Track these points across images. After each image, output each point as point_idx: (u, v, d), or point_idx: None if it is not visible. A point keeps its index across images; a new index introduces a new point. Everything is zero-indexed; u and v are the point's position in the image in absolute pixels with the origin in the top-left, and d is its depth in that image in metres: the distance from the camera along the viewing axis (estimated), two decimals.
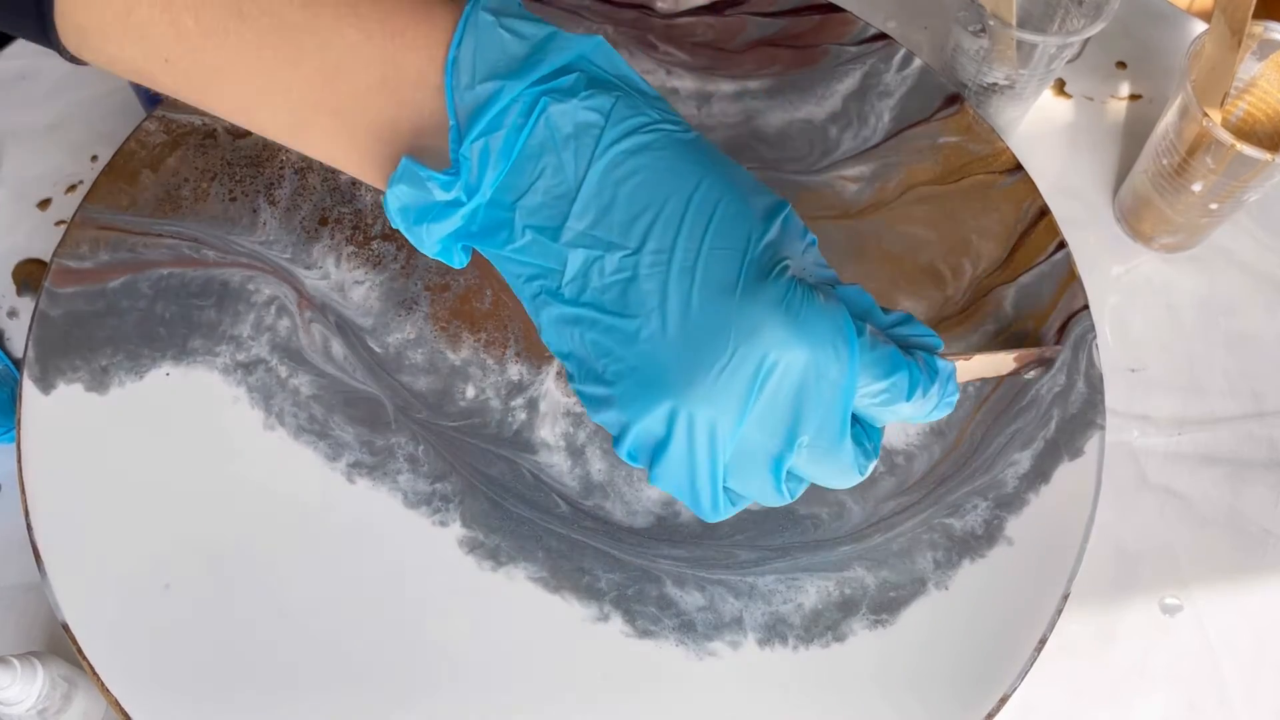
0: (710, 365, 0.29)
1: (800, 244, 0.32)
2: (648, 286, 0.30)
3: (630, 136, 0.30)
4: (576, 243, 0.30)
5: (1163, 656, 0.48)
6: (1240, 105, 0.53)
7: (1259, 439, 0.52)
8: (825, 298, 0.30)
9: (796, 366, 0.29)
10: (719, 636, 0.42)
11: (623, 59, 0.32)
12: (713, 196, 0.30)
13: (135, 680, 0.40)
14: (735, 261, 0.30)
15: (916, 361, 0.32)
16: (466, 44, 0.30)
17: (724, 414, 0.29)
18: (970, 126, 0.53)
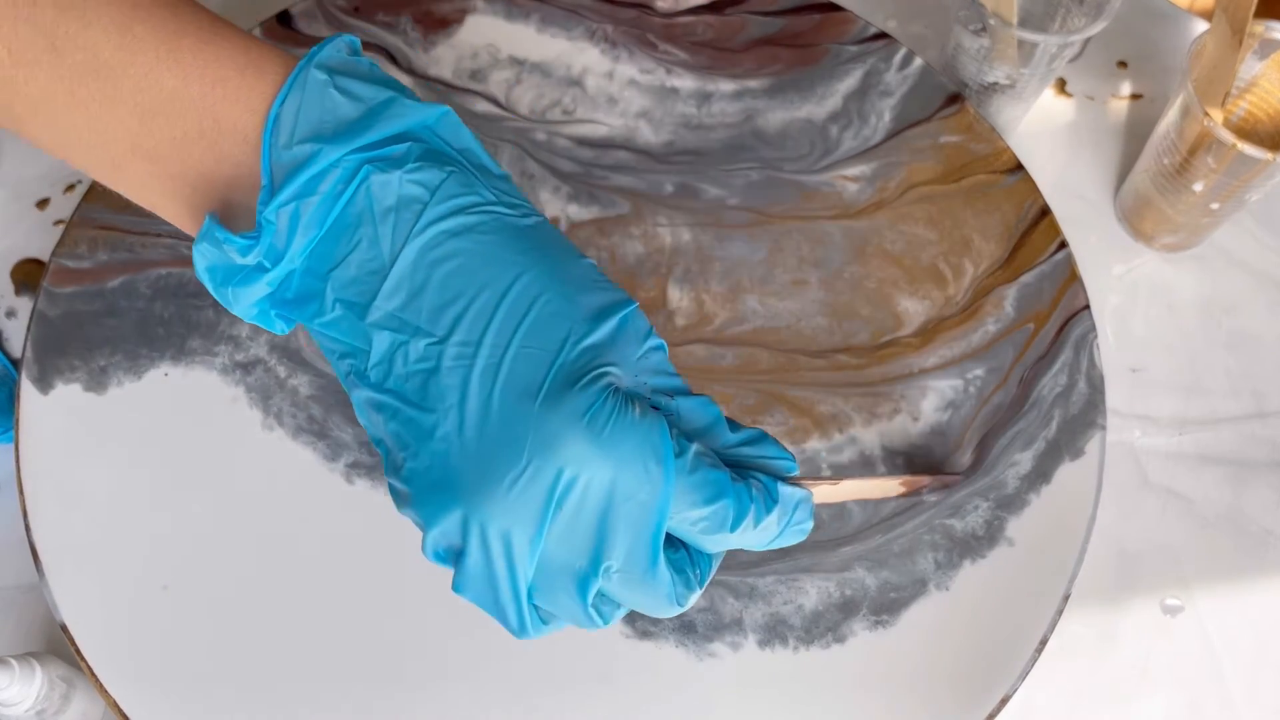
0: (503, 475, 0.27)
1: (636, 349, 0.29)
2: (449, 381, 0.28)
3: (455, 216, 0.28)
4: (383, 324, 0.28)
5: (1164, 657, 0.48)
6: (1241, 105, 0.53)
7: (1260, 439, 0.52)
8: (642, 412, 0.28)
9: (599, 485, 0.27)
10: (719, 637, 0.42)
11: (471, 134, 0.30)
12: (533, 291, 0.28)
13: (133, 681, 0.40)
14: (543, 364, 0.27)
15: (752, 487, 0.29)
16: (291, 101, 0.28)
17: (518, 528, 0.27)
18: (971, 126, 0.53)
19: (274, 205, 0.28)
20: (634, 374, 0.29)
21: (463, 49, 0.54)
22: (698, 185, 0.51)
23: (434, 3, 0.55)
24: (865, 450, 0.46)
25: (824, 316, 0.49)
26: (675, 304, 0.49)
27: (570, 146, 0.52)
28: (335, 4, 0.54)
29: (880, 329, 0.49)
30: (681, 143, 0.52)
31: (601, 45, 0.54)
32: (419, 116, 0.29)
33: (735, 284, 0.49)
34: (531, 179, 0.51)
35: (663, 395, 0.29)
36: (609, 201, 0.51)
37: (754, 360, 0.48)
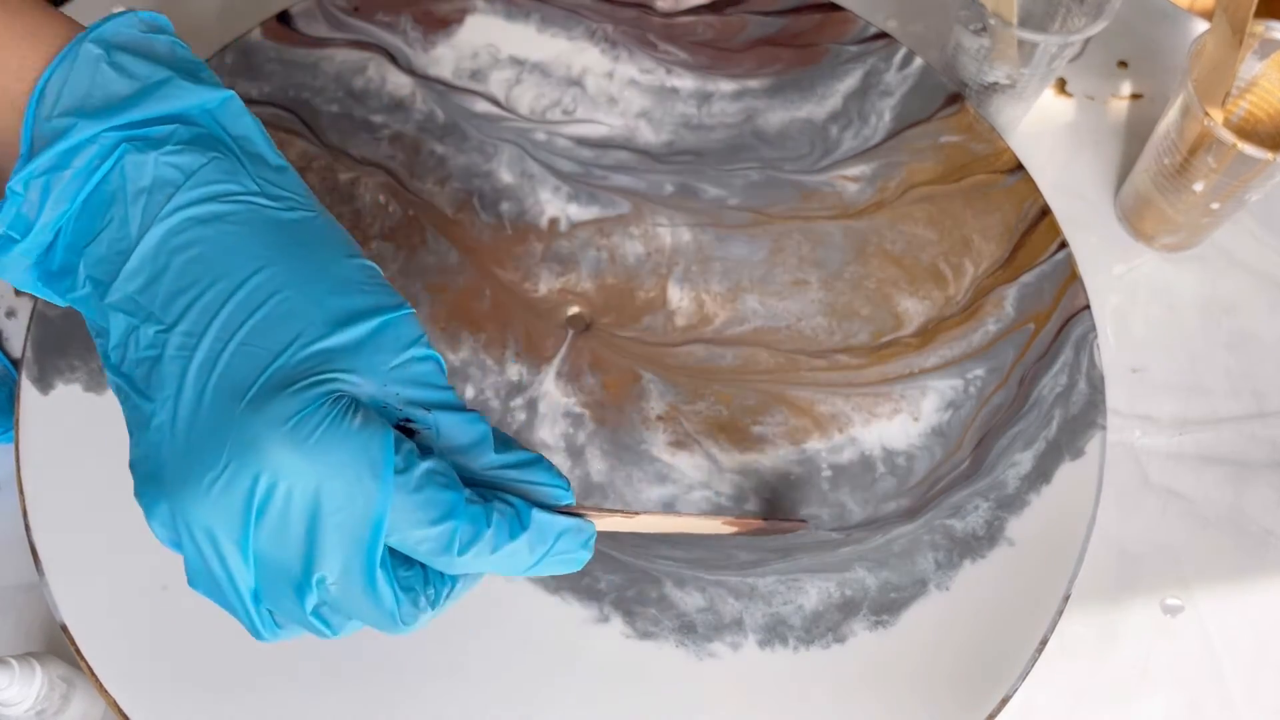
0: (203, 475, 0.26)
1: (391, 358, 0.28)
2: (170, 370, 0.27)
3: (207, 203, 0.28)
4: (120, 305, 0.28)
5: (1164, 657, 0.48)
6: (1241, 104, 0.53)
7: (1261, 439, 0.52)
8: (364, 423, 0.26)
9: (303, 494, 0.26)
10: (719, 638, 0.42)
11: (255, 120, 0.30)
12: (271, 287, 0.27)
13: (134, 681, 0.40)
14: (260, 364, 0.26)
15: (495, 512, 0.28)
16: (59, 73, 0.28)
17: (221, 529, 0.26)
18: (971, 126, 0.53)
19: (23, 176, 0.28)
20: (384, 383, 0.28)
21: (463, 49, 0.54)
22: (698, 185, 0.51)
23: (434, 3, 0.55)
24: (865, 450, 0.46)
25: (824, 317, 0.49)
26: (675, 304, 0.49)
27: (570, 146, 0.52)
28: (335, 4, 0.54)
29: (880, 329, 0.49)
30: (681, 143, 0.52)
31: (601, 45, 0.54)
32: (195, 99, 0.29)
33: (735, 284, 0.49)
34: (531, 179, 0.51)
35: (417, 408, 0.28)
36: (609, 201, 0.51)
37: (754, 360, 0.48)
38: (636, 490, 0.45)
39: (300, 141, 0.51)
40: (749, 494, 0.45)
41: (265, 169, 0.29)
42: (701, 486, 0.45)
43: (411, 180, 0.51)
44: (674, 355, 0.48)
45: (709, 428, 0.46)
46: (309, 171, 0.50)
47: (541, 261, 0.49)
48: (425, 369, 0.29)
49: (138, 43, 0.29)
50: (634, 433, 0.46)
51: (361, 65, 0.53)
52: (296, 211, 0.29)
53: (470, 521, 0.27)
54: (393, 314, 0.28)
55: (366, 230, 0.49)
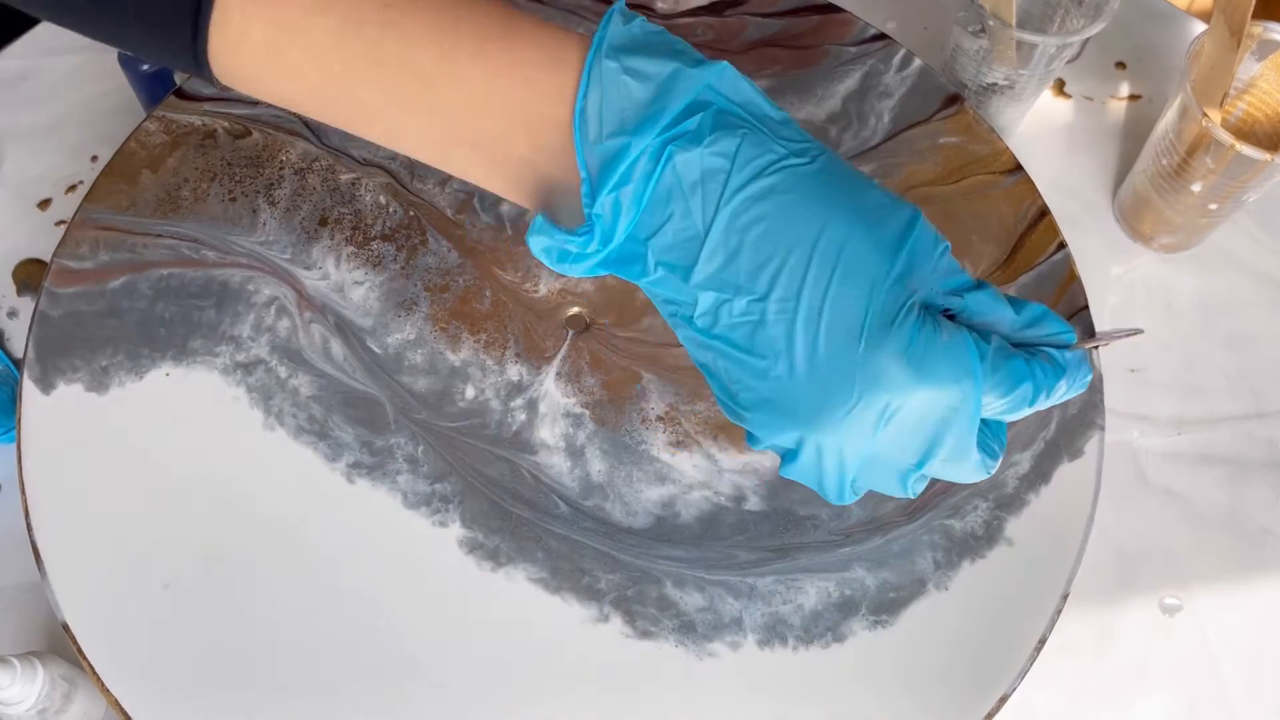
0: (837, 408, 0.31)
1: (931, 259, 0.32)
2: (775, 331, 0.31)
3: (755, 181, 0.31)
4: (706, 285, 0.31)
5: (1162, 656, 0.48)
6: (1239, 105, 0.53)
7: (1259, 439, 0.52)
8: (949, 332, 0.31)
9: (921, 405, 0.31)
10: (719, 637, 0.42)
11: (748, 82, 0.32)
12: (837, 241, 0.31)
13: (135, 680, 0.40)
14: (860, 308, 0.31)
15: (1042, 362, 0.33)
16: (592, 96, 0.31)
17: (851, 444, 0.31)
18: (970, 127, 0.53)
19: (599, 199, 0.31)
20: (929, 285, 0.32)
21: None
22: None
23: None
24: None
25: None
26: None
27: None
28: None
29: None
30: None
31: None
32: (702, 81, 0.31)
33: None
34: None
35: (955, 297, 0.32)
36: None
37: None
38: (636, 490, 0.45)
39: (301, 142, 0.51)
40: (748, 494, 0.45)
41: (777, 126, 0.32)
42: (701, 486, 0.45)
43: (412, 181, 0.51)
44: (674, 355, 0.48)
45: (708, 428, 0.46)
46: (310, 172, 0.50)
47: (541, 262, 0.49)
48: (947, 259, 0.33)
49: (628, 39, 0.32)
50: (634, 433, 0.46)
51: None
52: (816, 160, 0.32)
53: (1033, 379, 0.32)
54: (917, 223, 0.32)
55: (367, 231, 0.49)
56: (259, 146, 0.51)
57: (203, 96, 0.52)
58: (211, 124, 0.51)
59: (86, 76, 0.59)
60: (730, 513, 0.45)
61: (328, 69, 0.32)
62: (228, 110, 0.51)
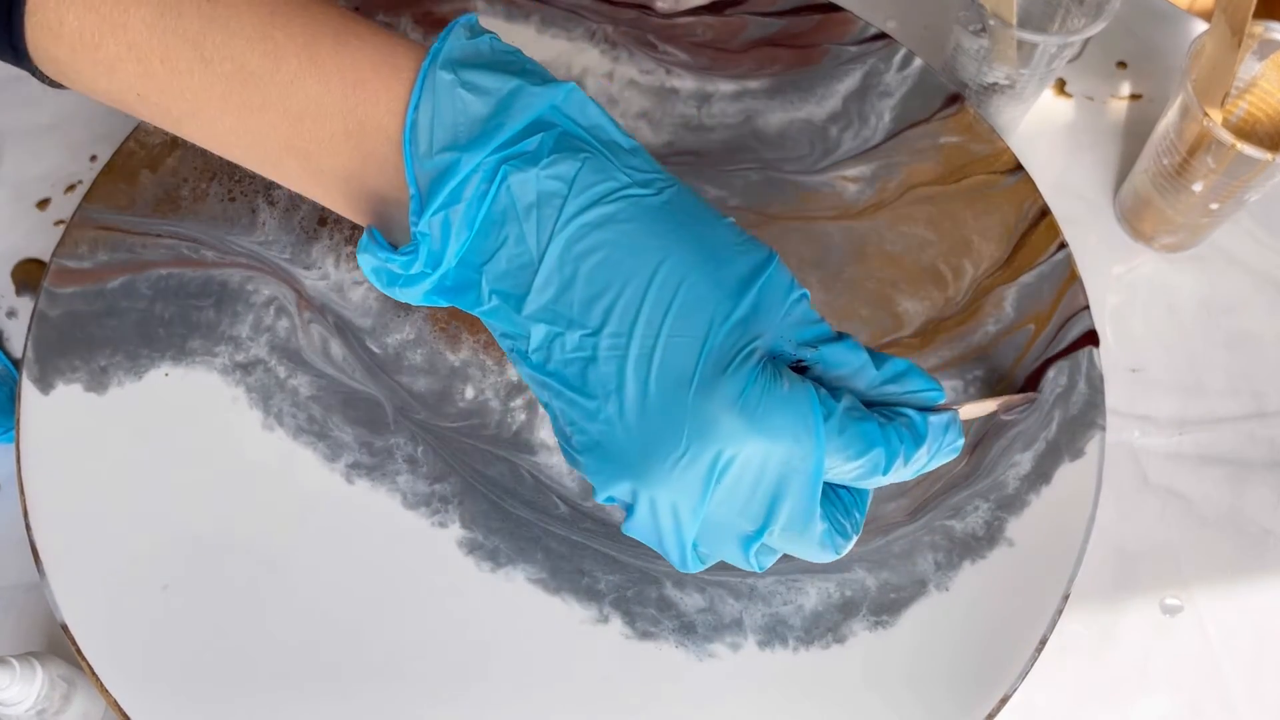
0: (665, 457, 0.29)
1: (782, 307, 0.30)
2: (606, 369, 0.29)
3: (594, 207, 0.29)
4: (538, 316, 0.30)
5: (1163, 657, 0.48)
6: (1241, 105, 0.53)
7: (1260, 439, 0.52)
8: (790, 384, 0.29)
9: (756, 460, 0.29)
10: (719, 638, 0.42)
11: (597, 106, 0.31)
12: (675, 277, 0.29)
13: (134, 680, 0.40)
14: (693, 351, 0.29)
15: (900, 427, 0.31)
16: (424, 107, 0.29)
17: (684, 499, 0.29)
18: (971, 126, 0.53)
19: (425, 217, 0.29)
20: (779, 333, 0.30)
21: None
22: (697, 186, 0.51)
23: (434, 3, 0.55)
24: None
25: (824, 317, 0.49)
26: None
27: None
28: None
29: (880, 330, 0.49)
30: (681, 143, 0.53)
31: (601, 46, 0.55)
32: (546, 101, 0.30)
33: None
34: None
35: (806, 347, 0.31)
36: None
37: None
38: None
39: None
40: None
41: (624, 154, 0.31)
42: None
43: None
44: None
45: None
46: None
47: None
48: (803, 308, 0.31)
49: (471, 53, 0.30)
50: None
51: None
52: (664, 192, 0.31)
53: (887, 444, 0.30)
54: (770, 266, 0.30)
55: None
56: None
57: None
58: None
59: None
60: None
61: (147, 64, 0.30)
62: None
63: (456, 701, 0.41)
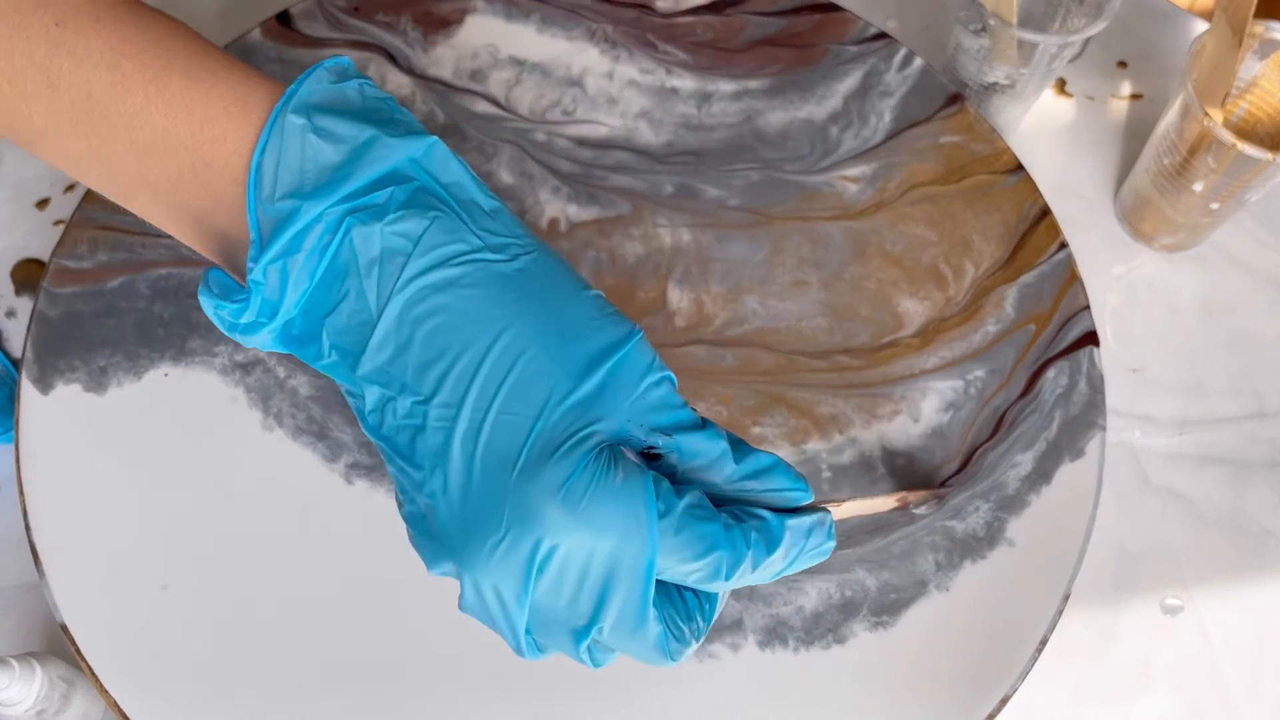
0: (485, 540, 0.27)
1: (635, 389, 0.29)
2: (434, 440, 0.28)
3: (438, 269, 0.28)
4: (372, 378, 0.28)
5: (1164, 657, 0.48)
6: (1241, 105, 0.53)
7: (1261, 439, 0.52)
8: (625, 475, 0.28)
9: (580, 553, 0.27)
10: (719, 639, 0.42)
11: (461, 163, 0.30)
12: (514, 350, 0.28)
13: (134, 681, 0.40)
14: (522, 432, 0.27)
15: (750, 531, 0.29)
16: (270, 151, 0.28)
17: (505, 586, 0.27)
18: (971, 126, 0.53)
19: (260, 265, 0.28)
20: (628, 417, 0.28)
21: (463, 49, 0.54)
22: (698, 186, 0.51)
23: (434, 3, 0.55)
24: (865, 451, 0.46)
25: (824, 317, 0.49)
26: (675, 305, 0.49)
27: (570, 147, 0.52)
28: (335, 4, 0.54)
29: (880, 330, 0.49)
30: (681, 143, 0.52)
31: (601, 45, 0.54)
32: (403, 154, 0.29)
33: (735, 285, 0.49)
34: (531, 179, 0.51)
35: (659, 435, 0.29)
36: (609, 202, 0.51)
37: (754, 361, 0.48)
38: None
39: None
40: None
41: (481, 216, 0.30)
42: None
43: None
44: (674, 356, 0.48)
45: None
46: None
47: None
48: (661, 393, 0.29)
49: (333, 98, 0.29)
50: None
51: (361, 65, 0.53)
52: (519, 259, 0.29)
53: (731, 547, 0.28)
54: (627, 345, 0.29)
55: None
56: None
57: None
58: None
59: None
60: None
61: None
62: None
63: (456, 700, 0.41)
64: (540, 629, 0.29)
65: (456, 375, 0.28)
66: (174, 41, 0.30)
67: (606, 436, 0.28)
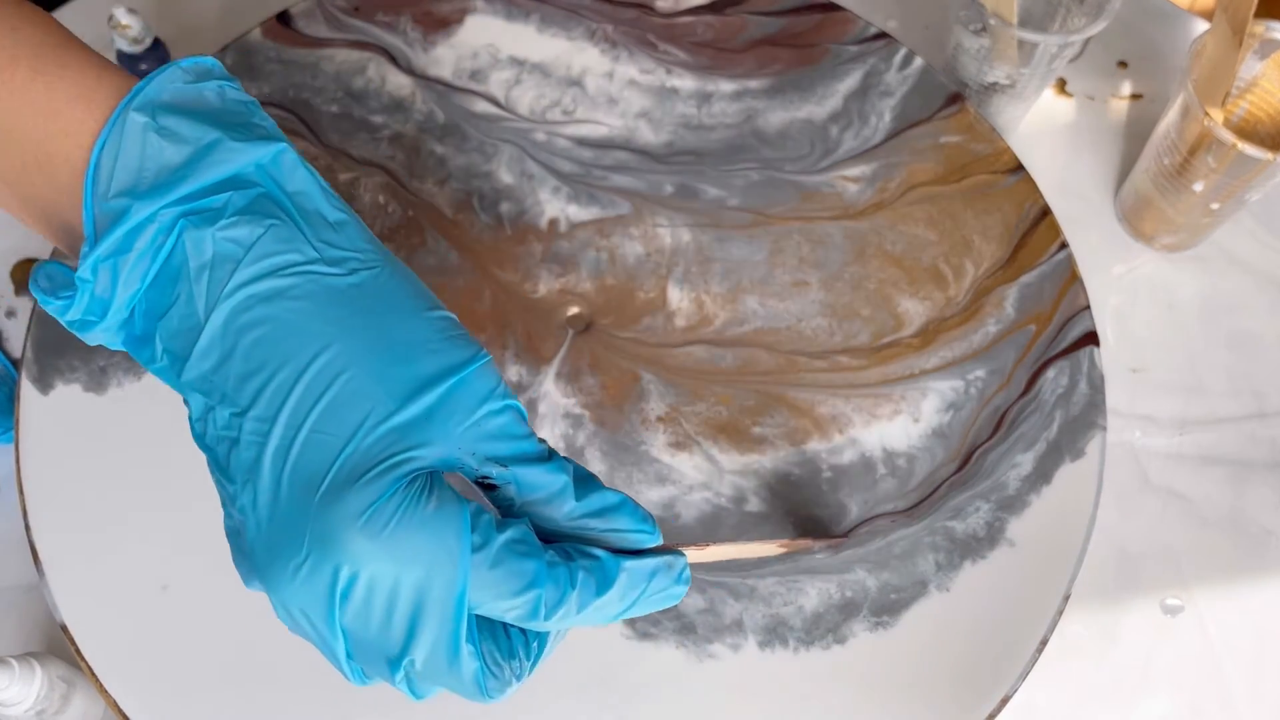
0: (287, 562, 0.26)
1: (470, 416, 0.28)
2: (246, 455, 0.27)
3: (267, 279, 0.27)
4: (195, 385, 0.28)
5: (1164, 657, 0.48)
6: (1242, 105, 0.53)
7: (1261, 439, 0.52)
8: (439, 505, 0.26)
9: (385, 583, 0.26)
10: (719, 639, 0.42)
11: (310, 172, 0.29)
12: (335, 367, 0.27)
13: (133, 681, 0.40)
14: (330, 454, 0.26)
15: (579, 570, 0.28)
16: (110, 146, 0.28)
17: (312, 610, 0.26)
18: (971, 126, 0.53)
19: (90, 262, 0.27)
20: (458, 445, 0.28)
21: (463, 49, 0.54)
22: (698, 186, 0.51)
23: (434, 3, 0.55)
24: (866, 451, 0.46)
25: (824, 317, 0.49)
26: (675, 305, 0.49)
27: (570, 147, 0.52)
28: (335, 4, 0.54)
29: (881, 330, 0.49)
30: (681, 143, 0.52)
31: (601, 45, 0.54)
32: (248, 158, 0.28)
33: (735, 285, 0.49)
34: (531, 179, 0.51)
35: (494, 465, 0.28)
36: (609, 202, 0.51)
37: (754, 361, 0.48)
38: (636, 492, 0.45)
39: (300, 142, 0.51)
40: (749, 495, 0.45)
41: (323, 227, 0.29)
42: (701, 488, 0.45)
43: (411, 180, 0.51)
44: (674, 356, 0.48)
45: (709, 429, 0.46)
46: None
47: (541, 262, 0.49)
48: (501, 421, 0.28)
49: (184, 98, 0.29)
50: (634, 434, 0.46)
51: (361, 65, 0.53)
52: (358, 274, 0.28)
53: (554, 585, 0.27)
54: (467, 370, 0.28)
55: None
56: None
57: None
58: None
59: None
60: (731, 514, 0.45)
61: None
62: None
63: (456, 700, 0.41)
64: (359, 654, 0.28)
65: (273, 389, 0.27)
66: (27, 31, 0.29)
67: (429, 464, 0.27)
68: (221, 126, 0.28)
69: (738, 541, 0.35)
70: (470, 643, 0.27)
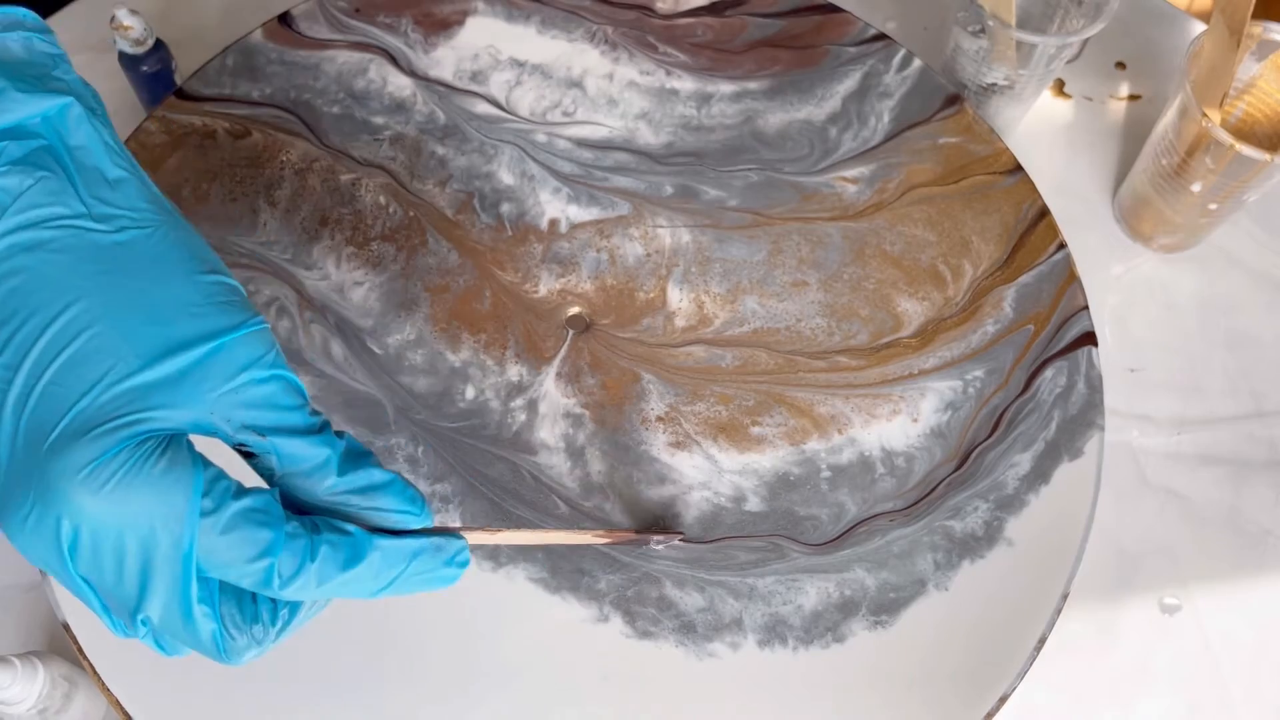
0: (16, 511, 0.26)
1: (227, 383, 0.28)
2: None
3: (29, 229, 0.27)
4: None
5: (1162, 656, 0.48)
6: (1239, 105, 0.53)
7: (1259, 439, 0.52)
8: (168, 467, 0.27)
9: (109, 539, 0.26)
10: (719, 638, 0.42)
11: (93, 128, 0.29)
12: (83, 321, 0.27)
13: (135, 679, 0.40)
14: (63, 407, 0.26)
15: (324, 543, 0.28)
16: None
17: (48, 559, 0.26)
18: (970, 127, 0.53)
19: None
20: (213, 410, 0.28)
21: (463, 50, 0.54)
22: (697, 187, 0.52)
23: (435, 4, 0.55)
24: (865, 451, 0.46)
25: (823, 318, 0.49)
26: (675, 305, 0.49)
27: (570, 148, 0.52)
28: (336, 5, 0.54)
29: (879, 330, 0.49)
30: (681, 144, 0.53)
31: (602, 47, 0.55)
32: (31, 110, 0.28)
33: (735, 285, 0.50)
34: (532, 180, 0.51)
35: (252, 433, 0.28)
36: (609, 203, 0.51)
37: (754, 361, 0.48)
38: (636, 491, 0.45)
39: (301, 143, 0.51)
40: (748, 494, 0.45)
41: (99, 184, 0.29)
42: (701, 487, 0.45)
43: (412, 181, 0.51)
44: (674, 356, 0.48)
45: (708, 429, 0.46)
46: (310, 172, 0.50)
47: (542, 262, 0.50)
48: (265, 391, 0.28)
49: None
50: (634, 433, 0.46)
51: (362, 67, 0.53)
52: (126, 232, 0.28)
53: (291, 555, 0.27)
54: (227, 337, 0.28)
55: (367, 231, 0.50)
56: (259, 147, 0.51)
57: (203, 97, 0.52)
58: (212, 124, 0.51)
59: (86, 76, 0.59)
60: (730, 513, 0.45)
61: None
62: (228, 110, 0.51)
63: (456, 701, 0.41)
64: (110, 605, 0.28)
65: (20, 339, 0.27)
66: None
67: (174, 426, 0.27)
68: (10, 77, 0.28)
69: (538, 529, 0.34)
70: (206, 604, 0.27)
